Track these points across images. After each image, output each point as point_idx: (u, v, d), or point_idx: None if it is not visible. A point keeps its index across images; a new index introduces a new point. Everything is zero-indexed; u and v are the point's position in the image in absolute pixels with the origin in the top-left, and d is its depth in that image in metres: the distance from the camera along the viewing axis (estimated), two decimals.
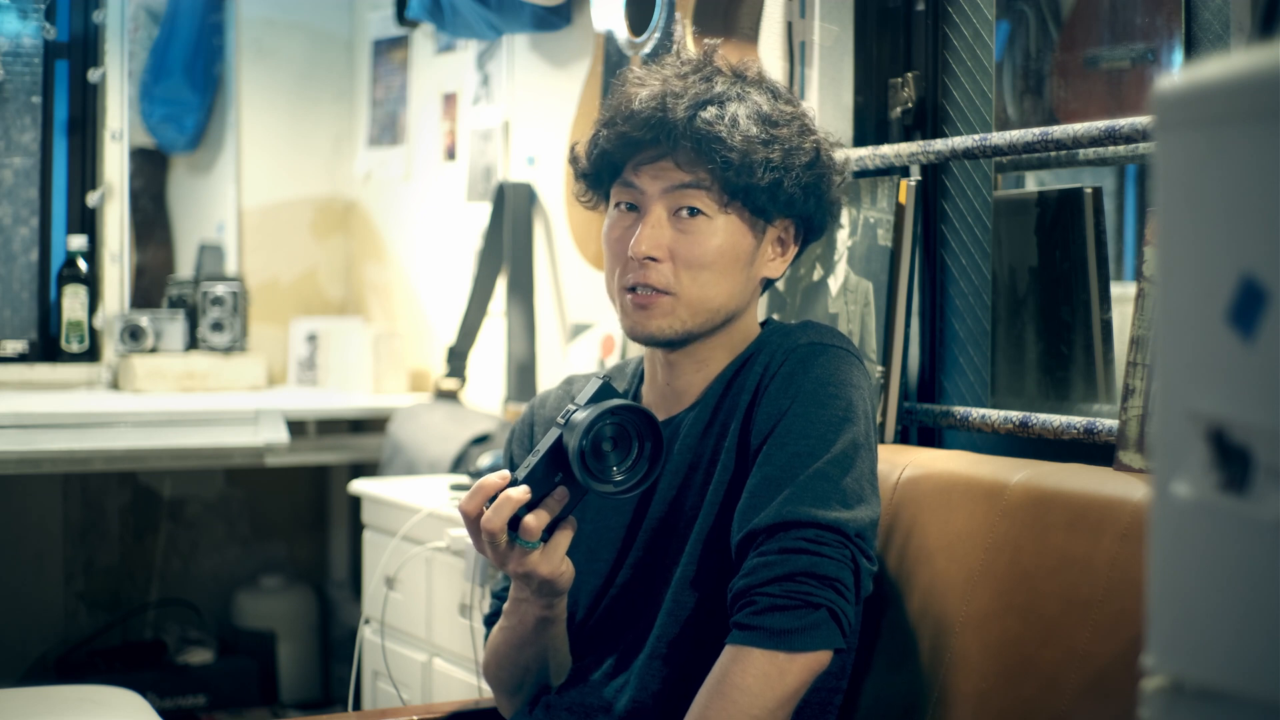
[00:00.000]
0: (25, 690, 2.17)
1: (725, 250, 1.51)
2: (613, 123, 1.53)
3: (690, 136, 1.48)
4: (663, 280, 1.50)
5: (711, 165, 1.48)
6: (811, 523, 1.40)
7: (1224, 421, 0.73)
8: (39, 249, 3.41)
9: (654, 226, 1.50)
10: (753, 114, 1.51)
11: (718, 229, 1.50)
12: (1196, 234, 0.75)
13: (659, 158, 1.51)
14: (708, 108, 1.49)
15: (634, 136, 1.51)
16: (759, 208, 1.51)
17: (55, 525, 3.49)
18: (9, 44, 3.36)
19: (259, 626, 3.56)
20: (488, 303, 3.14)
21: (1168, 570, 0.77)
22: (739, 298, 1.54)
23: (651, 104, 1.50)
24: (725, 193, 1.49)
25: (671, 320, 1.51)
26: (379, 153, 3.77)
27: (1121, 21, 1.84)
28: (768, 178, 1.49)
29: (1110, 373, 1.87)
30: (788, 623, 1.37)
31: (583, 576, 1.57)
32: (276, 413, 3.04)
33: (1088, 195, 1.90)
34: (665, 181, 1.51)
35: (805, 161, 1.52)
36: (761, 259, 1.56)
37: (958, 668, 1.50)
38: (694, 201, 1.50)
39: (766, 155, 1.49)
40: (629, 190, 1.53)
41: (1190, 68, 0.89)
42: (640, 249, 1.49)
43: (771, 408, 1.48)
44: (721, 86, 1.52)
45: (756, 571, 1.40)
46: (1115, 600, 1.38)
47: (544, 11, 2.89)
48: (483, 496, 1.43)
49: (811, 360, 1.48)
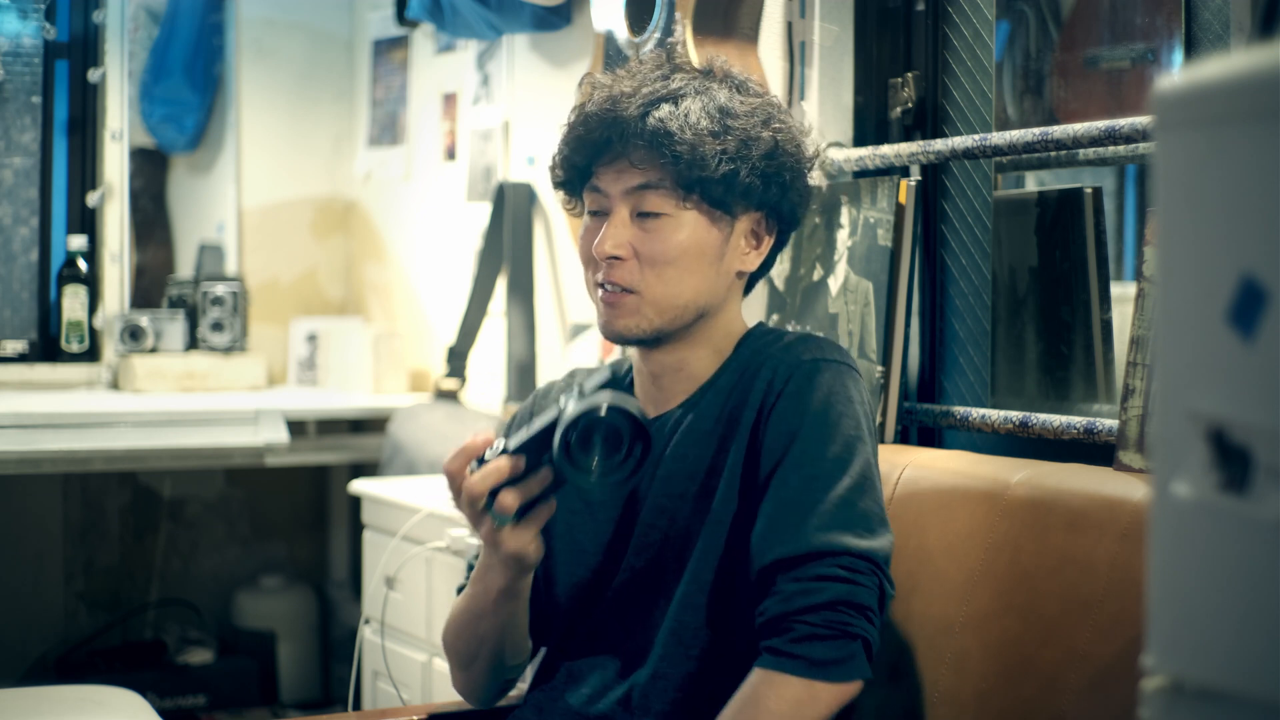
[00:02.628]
0: (25, 690, 2.17)
1: (689, 246, 1.51)
2: (573, 127, 1.55)
3: (642, 135, 1.49)
4: (627, 279, 1.51)
5: (664, 161, 1.49)
6: (845, 551, 1.40)
7: (1224, 421, 0.73)
8: (39, 249, 3.41)
9: (617, 226, 1.51)
10: (708, 107, 1.51)
11: (681, 225, 1.51)
12: (1196, 234, 0.75)
13: (616, 158, 1.52)
14: (661, 105, 1.50)
15: (590, 139, 1.53)
16: (717, 200, 1.51)
17: (55, 525, 3.48)
18: (9, 44, 3.36)
19: (259, 626, 3.56)
20: (488, 303, 3.14)
21: (1168, 570, 0.77)
22: (709, 293, 1.54)
23: (605, 105, 1.52)
24: (680, 188, 1.49)
25: (639, 319, 1.51)
26: (379, 153, 3.77)
27: (1121, 21, 1.84)
28: (722, 169, 1.49)
29: (1110, 373, 1.87)
30: (827, 653, 1.37)
31: (562, 563, 1.58)
32: (276, 413, 3.04)
33: (1088, 195, 1.90)
34: (624, 183, 1.51)
35: (763, 151, 1.51)
36: (733, 253, 1.55)
37: (958, 668, 1.50)
38: (652, 204, 1.50)
39: (719, 146, 1.49)
40: (595, 195, 1.54)
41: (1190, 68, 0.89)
42: (604, 248, 1.50)
43: (781, 427, 1.47)
44: (679, 84, 1.53)
45: (793, 599, 1.39)
46: (1115, 600, 1.38)
47: (544, 11, 2.89)
48: (466, 457, 1.43)
49: (817, 377, 1.48)
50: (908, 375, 2.01)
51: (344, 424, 3.35)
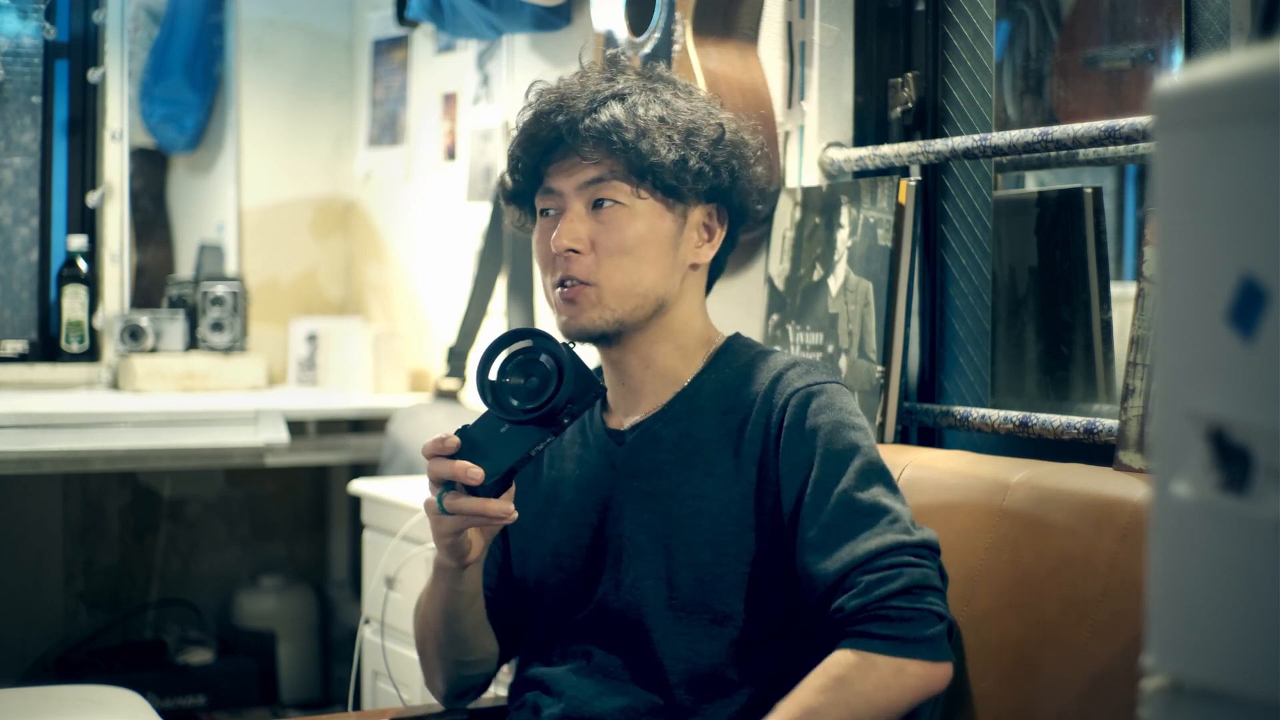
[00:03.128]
0: (25, 690, 2.17)
1: (645, 235, 1.53)
2: (523, 129, 1.57)
3: (590, 128, 1.52)
4: (584, 271, 1.52)
5: (615, 150, 1.51)
6: (903, 545, 1.43)
7: (1224, 421, 0.73)
8: (39, 249, 3.41)
9: (572, 220, 1.53)
10: (652, 102, 1.54)
11: (636, 214, 1.53)
12: (1196, 234, 0.75)
13: (567, 155, 1.54)
14: (608, 102, 1.53)
15: (540, 137, 1.55)
16: (669, 187, 1.53)
17: (55, 525, 3.48)
18: (9, 44, 3.36)
19: (259, 626, 3.56)
20: (488, 303, 3.14)
21: (1168, 570, 0.77)
22: (665, 283, 1.55)
23: (553, 104, 1.55)
24: (633, 175, 1.52)
25: (601, 311, 1.53)
26: (379, 153, 3.77)
27: (1121, 21, 1.84)
28: (672, 154, 1.51)
29: (1110, 373, 1.87)
30: (917, 631, 1.39)
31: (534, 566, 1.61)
32: (276, 413, 3.04)
33: (1088, 195, 1.90)
34: (577, 178, 1.54)
35: (711, 137, 1.55)
36: (687, 245, 1.57)
37: (958, 668, 1.50)
38: (606, 193, 1.53)
39: (667, 132, 1.52)
40: (548, 196, 1.56)
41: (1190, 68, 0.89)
42: (561, 243, 1.52)
43: (795, 459, 1.49)
44: (623, 84, 1.56)
45: (871, 589, 1.40)
46: (1115, 600, 1.38)
47: (544, 11, 2.89)
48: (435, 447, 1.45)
49: (817, 400, 1.51)
50: (908, 375, 2.01)
51: (344, 424, 3.35)
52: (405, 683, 2.59)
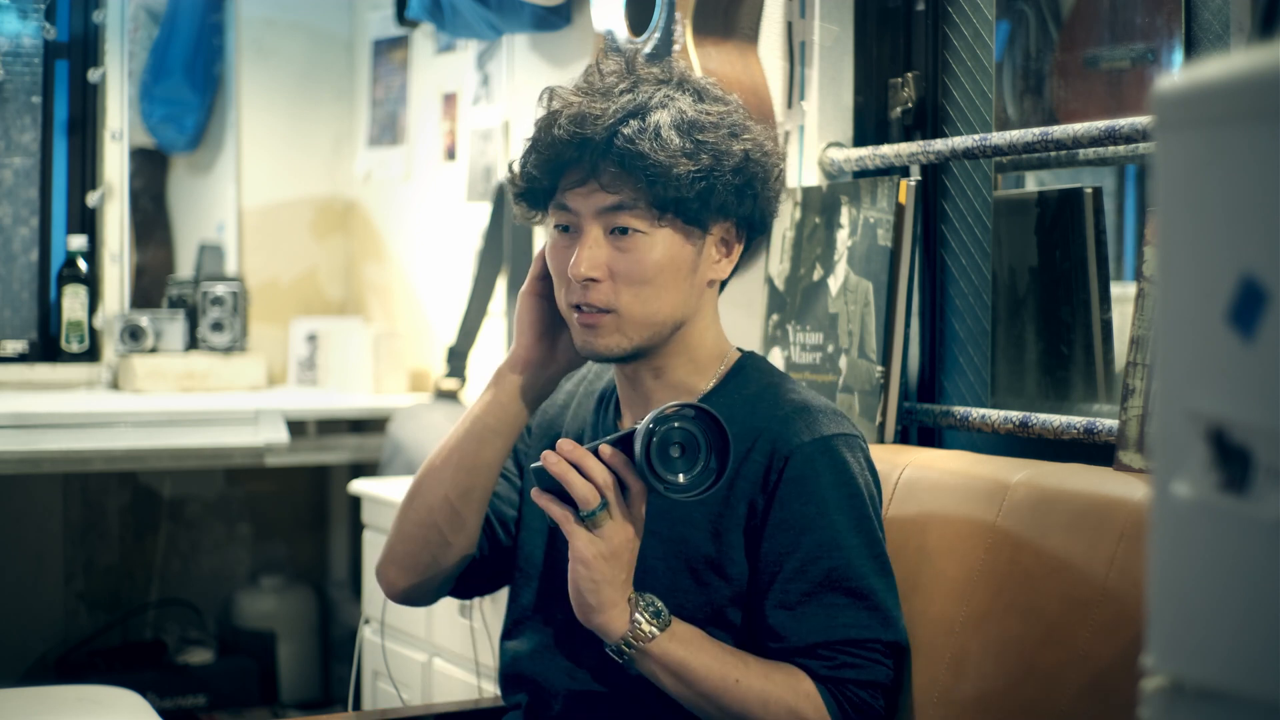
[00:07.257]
0: (25, 690, 2.17)
1: (665, 264, 1.50)
2: (537, 146, 1.52)
3: (612, 157, 1.47)
4: (604, 299, 1.49)
5: (638, 184, 1.47)
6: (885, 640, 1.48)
7: (1224, 421, 0.73)
8: (39, 249, 3.41)
9: (590, 247, 1.49)
10: (676, 121, 1.48)
11: (655, 243, 1.49)
12: (1196, 234, 0.75)
13: (585, 180, 1.49)
14: (629, 122, 1.47)
15: (558, 160, 1.50)
16: (692, 217, 1.50)
17: (55, 525, 3.48)
18: (9, 44, 3.36)
19: (259, 626, 3.56)
20: (488, 303, 3.14)
21: (1168, 570, 0.77)
22: (685, 306, 1.53)
23: (571, 127, 1.48)
24: (655, 208, 1.48)
25: (619, 338, 1.51)
26: (379, 153, 3.77)
27: (1121, 21, 1.84)
28: (696, 188, 1.47)
29: (1110, 373, 1.87)
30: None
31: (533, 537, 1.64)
32: (276, 413, 3.04)
33: (1088, 195, 1.90)
34: (595, 203, 1.49)
35: (734, 165, 1.50)
36: (705, 263, 1.54)
37: (958, 668, 1.50)
38: (626, 221, 1.48)
39: (692, 167, 1.47)
40: (564, 213, 1.52)
41: (1190, 68, 0.89)
42: (579, 271, 1.48)
43: (786, 516, 1.48)
44: (643, 96, 1.49)
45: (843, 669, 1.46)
46: (1115, 600, 1.38)
47: (544, 11, 2.89)
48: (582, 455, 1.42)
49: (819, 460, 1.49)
50: (908, 375, 2.01)
51: (344, 424, 3.35)
52: (405, 683, 2.59)
